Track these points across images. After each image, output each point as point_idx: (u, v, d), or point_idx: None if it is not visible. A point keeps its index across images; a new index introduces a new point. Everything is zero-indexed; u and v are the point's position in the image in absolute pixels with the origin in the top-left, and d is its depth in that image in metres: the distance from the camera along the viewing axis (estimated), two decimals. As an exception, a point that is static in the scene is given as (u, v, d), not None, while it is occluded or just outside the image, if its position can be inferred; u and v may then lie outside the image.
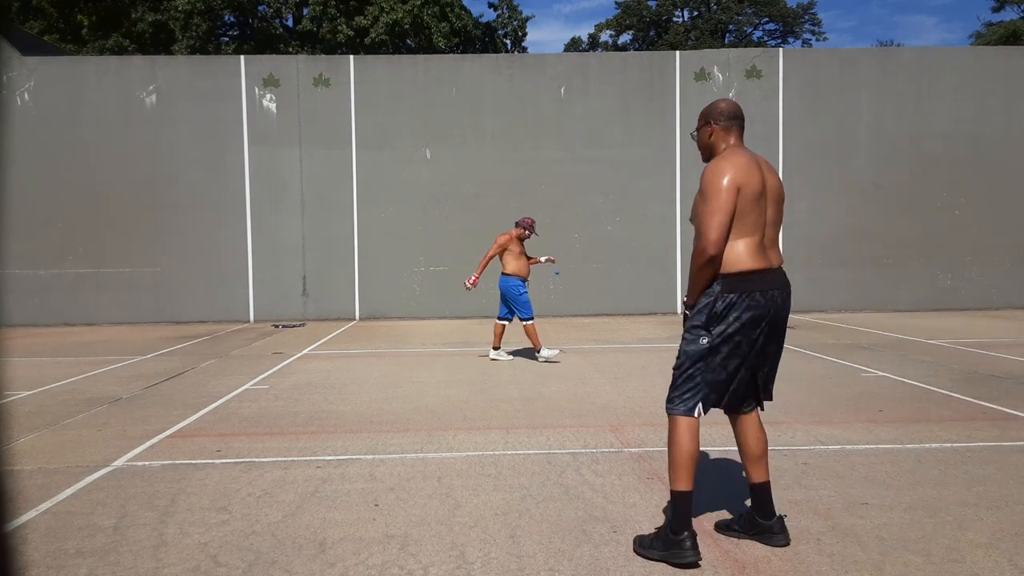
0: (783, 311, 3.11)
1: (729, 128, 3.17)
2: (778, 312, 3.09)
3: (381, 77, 14.40)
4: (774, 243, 3.13)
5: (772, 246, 3.11)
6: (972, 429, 5.13)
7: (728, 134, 3.17)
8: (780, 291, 3.09)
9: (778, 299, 3.08)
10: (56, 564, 3.06)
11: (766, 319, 3.04)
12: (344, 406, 6.18)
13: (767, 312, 3.03)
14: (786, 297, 3.13)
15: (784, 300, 3.11)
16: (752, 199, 2.99)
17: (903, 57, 15.29)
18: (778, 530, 3.15)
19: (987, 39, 33.81)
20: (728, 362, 3.03)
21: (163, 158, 14.13)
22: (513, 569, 2.97)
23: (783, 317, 3.12)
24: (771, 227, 3.11)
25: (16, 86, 13.85)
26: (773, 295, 3.05)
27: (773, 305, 3.05)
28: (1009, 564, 2.95)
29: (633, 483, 4.05)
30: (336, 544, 3.24)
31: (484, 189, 14.40)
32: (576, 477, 4.14)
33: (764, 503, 3.17)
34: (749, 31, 43.66)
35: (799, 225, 14.56)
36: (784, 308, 3.12)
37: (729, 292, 2.99)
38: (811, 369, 7.74)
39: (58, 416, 5.88)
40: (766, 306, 3.02)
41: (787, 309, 3.14)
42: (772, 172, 3.15)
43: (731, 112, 3.18)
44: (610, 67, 14.77)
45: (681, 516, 2.98)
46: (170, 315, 14.04)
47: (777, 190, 3.13)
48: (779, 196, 3.15)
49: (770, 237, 3.10)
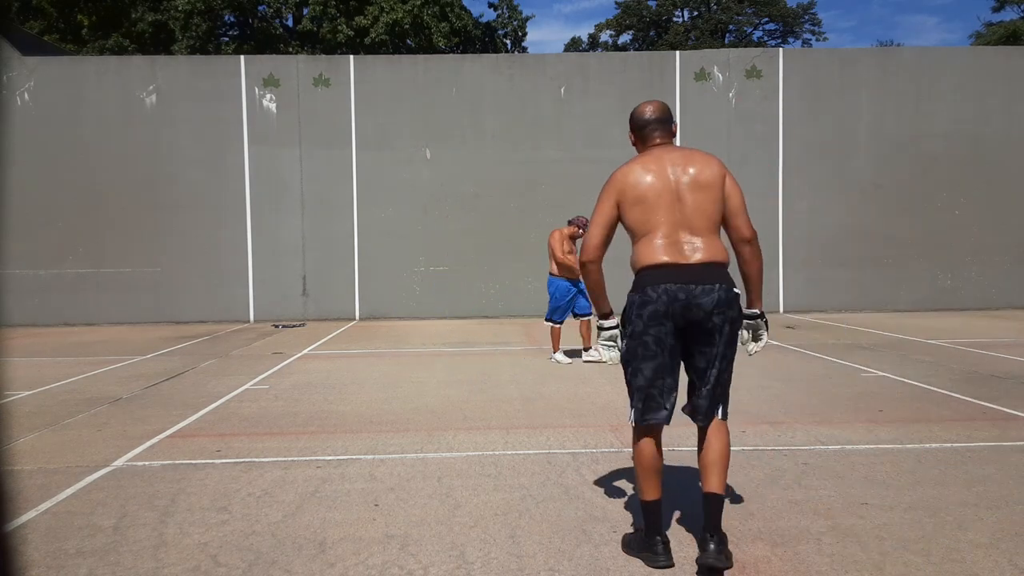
0: (694, 309, 2.90)
1: (645, 134, 3.17)
2: (687, 309, 2.90)
3: (381, 77, 14.40)
4: (697, 235, 2.95)
5: (687, 240, 2.94)
6: (972, 429, 5.13)
7: (647, 139, 3.17)
8: (682, 285, 2.90)
9: (679, 294, 2.90)
10: (56, 564, 3.06)
11: (667, 315, 2.91)
12: (344, 406, 6.18)
13: (665, 308, 2.91)
14: (696, 293, 2.90)
15: (692, 296, 2.90)
16: (640, 200, 3.00)
17: (903, 57, 15.29)
18: (711, 547, 2.84)
19: (987, 39, 33.82)
20: (643, 364, 2.98)
21: (163, 158, 14.13)
22: (513, 569, 2.97)
23: (701, 317, 2.91)
24: (696, 218, 2.95)
25: (16, 86, 13.85)
26: (668, 289, 2.91)
27: (673, 300, 2.90)
28: (1009, 564, 2.95)
29: (633, 483, 4.05)
30: (336, 544, 3.24)
31: (484, 189, 14.40)
32: (576, 477, 4.14)
33: (709, 514, 2.93)
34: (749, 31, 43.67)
35: (799, 225, 14.57)
36: (695, 305, 2.90)
37: (632, 293, 3.05)
38: (811, 369, 7.74)
39: (58, 416, 5.88)
40: (660, 301, 2.91)
41: (702, 307, 2.90)
42: (691, 161, 2.99)
43: (641, 118, 3.17)
44: (610, 67, 14.77)
45: (650, 525, 3.00)
46: (170, 315, 14.03)
47: (694, 178, 2.95)
48: (701, 183, 2.95)
49: (692, 229, 2.95)
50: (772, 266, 14.27)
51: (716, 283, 2.92)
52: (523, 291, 14.32)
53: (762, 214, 14.41)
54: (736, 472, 4.18)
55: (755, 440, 4.89)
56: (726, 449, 3.00)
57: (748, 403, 6.04)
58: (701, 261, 2.93)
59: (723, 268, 2.98)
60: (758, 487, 3.92)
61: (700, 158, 3.04)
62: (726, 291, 2.94)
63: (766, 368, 7.71)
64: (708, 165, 3.01)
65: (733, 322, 2.98)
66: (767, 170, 14.54)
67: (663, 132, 3.15)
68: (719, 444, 2.99)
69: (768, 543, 3.19)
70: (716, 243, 2.99)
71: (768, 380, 7.08)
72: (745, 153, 14.50)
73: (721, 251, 2.99)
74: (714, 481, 2.95)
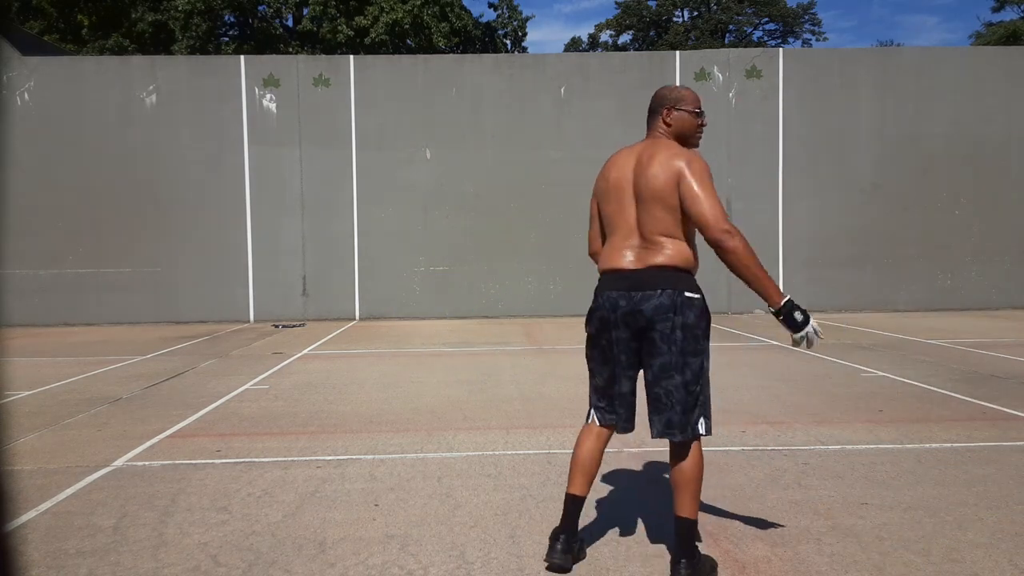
0: (636, 316, 2.79)
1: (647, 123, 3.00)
2: (629, 316, 2.80)
3: (381, 77, 14.40)
4: (647, 239, 2.81)
5: (635, 245, 2.84)
6: (972, 429, 5.13)
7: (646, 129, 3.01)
8: (623, 292, 2.81)
9: (620, 301, 2.81)
10: (56, 564, 3.06)
11: (614, 323, 2.84)
12: (344, 406, 6.18)
13: (608, 315, 2.85)
14: (637, 299, 2.78)
15: (633, 303, 2.79)
16: (602, 200, 2.97)
17: (903, 57, 15.30)
18: (678, 572, 2.76)
19: (987, 39, 33.82)
20: (600, 368, 2.95)
21: (163, 158, 14.13)
22: (513, 569, 2.97)
23: (644, 324, 2.78)
24: (647, 221, 2.80)
25: (16, 86, 13.85)
26: (610, 296, 2.85)
27: (615, 308, 2.83)
28: (1009, 564, 2.96)
29: (633, 483, 4.05)
30: (336, 544, 3.24)
31: (484, 189, 14.40)
32: (576, 477, 4.14)
33: (677, 537, 2.82)
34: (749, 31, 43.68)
35: (799, 225, 14.57)
36: (636, 312, 2.78)
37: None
38: (811, 369, 7.74)
39: (58, 416, 5.88)
40: (603, 308, 2.87)
41: (643, 313, 2.77)
42: (652, 160, 2.80)
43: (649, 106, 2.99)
44: (610, 67, 14.77)
45: (564, 516, 2.97)
46: (170, 315, 14.04)
47: (649, 180, 2.77)
48: (654, 186, 2.76)
49: (643, 232, 2.82)
50: (772, 266, 14.27)
51: (659, 288, 2.76)
52: (523, 291, 14.33)
53: (762, 214, 14.43)
54: (736, 472, 4.18)
55: (755, 440, 4.89)
56: (696, 469, 2.79)
57: (748, 403, 6.04)
58: (646, 266, 2.80)
59: (672, 272, 2.78)
60: (758, 487, 3.92)
61: (660, 160, 2.78)
62: (671, 296, 2.75)
63: (766, 368, 7.71)
64: (663, 170, 2.76)
65: (687, 328, 2.75)
66: (767, 170, 14.55)
67: (650, 122, 2.97)
68: (687, 464, 2.79)
69: (768, 543, 3.19)
70: (670, 247, 2.79)
71: (768, 380, 7.08)
72: (745, 153, 14.51)
73: (676, 254, 2.79)
74: (680, 503, 2.81)
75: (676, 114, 2.91)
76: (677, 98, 2.92)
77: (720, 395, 6.41)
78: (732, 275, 2.78)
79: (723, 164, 14.57)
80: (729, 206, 14.35)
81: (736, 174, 14.45)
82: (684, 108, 2.90)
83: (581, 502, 2.97)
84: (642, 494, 3.86)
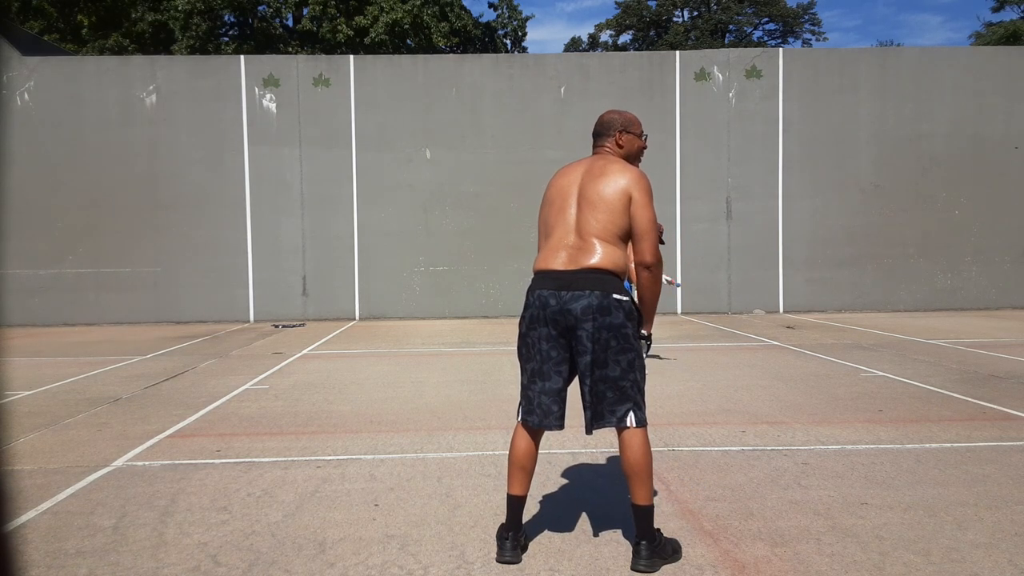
0: (565, 315, 2.89)
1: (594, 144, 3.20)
2: (558, 315, 2.90)
3: (381, 77, 14.41)
4: (582, 242, 2.93)
5: (569, 246, 2.94)
6: (972, 429, 5.13)
7: (593, 148, 3.21)
8: (553, 292, 2.92)
9: (550, 300, 2.91)
10: (56, 564, 3.06)
11: (543, 321, 2.94)
12: (344, 406, 6.18)
13: (539, 313, 2.95)
14: (566, 299, 2.89)
15: (562, 302, 2.89)
16: (546, 205, 3.10)
17: (903, 57, 15.29)
18: (639, 554, 2.89)
19: (987, 39, 33.83)
20: (526, 365, 3.05)
21: (163, 158, 14.14)
22: (513, 569, 2.97)
23: (572, 323, 2.89)
24: (585, 225, 2.92)
25: (16, 86, 13.85)
26: (541, 295, 2.95)
27: (545, 306, 2.92)
28: (1009, 564, 2.95)
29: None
30: (336, 544, 3.24)
31: (484, 189, 14.40)
32: (576, 477, 4.14)
33: (636, 523, 2.94)
34: (749, 31, 43.69)
35: (799, 225, 14.57)
36: (566, 311, 2.89)
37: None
38: (811, 369, 7.74)
39: (58, 416, 5.88)
40: (534, 306, 2.97)
41: (571, 313, 2.88)
42: (603, 173, 2.96)
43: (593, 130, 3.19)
44: (610, 67, 14.77)
45: (508, 518, 3.06)
46: (170, 315, 14.04)
47: (596, 190, 2.93)
48: (601, 195, 2.91)
49: (580, 235, 2.93)
50: (772, 266, 14.27)
51: (588, 289, 2.87)
52: (523, 291, 14.27)
53: (762, 214, 14.43)
54: (736, 472, 4.18)
55: (755, 440, 4.89)
56: (641, 459, 2.90)
57: (748, 403, 6.04)
58: (578, 267, 2.91)
59: (603, 274, 2.89)
60: (758, 487, 3.92)
61: (613, 172, 2.96)
62: (600, 297, 2.86)
63: (766, 368, 7.71)
64: (615, 180, 2.93)
65: (613, 329, 2.87)
66: (767, 170, 14.55)
67: (598, 142, 3.15)
68: (630, 454, 2.91)
69: (768, 543, 3.18)
70: (602, 250, 2.90)
71: (768, 380, 7.08)
72: (745, 153, 14.51)
73: (608, 259, 2.90)
74: (633, 492, 2.93)
75: (627, 136, 3.13)
76: (628, 121, 3.15)
77: (720, 395, 6.42)
78: (733, 276, 2.86)
79: (723, 164, 14.58)
80: (729, 206, 14.36)
81: (736, 174, 14.45)
82: (633, 131, 3.14)
83: (522, 501, 3.07)
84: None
